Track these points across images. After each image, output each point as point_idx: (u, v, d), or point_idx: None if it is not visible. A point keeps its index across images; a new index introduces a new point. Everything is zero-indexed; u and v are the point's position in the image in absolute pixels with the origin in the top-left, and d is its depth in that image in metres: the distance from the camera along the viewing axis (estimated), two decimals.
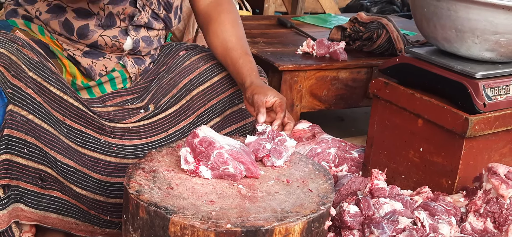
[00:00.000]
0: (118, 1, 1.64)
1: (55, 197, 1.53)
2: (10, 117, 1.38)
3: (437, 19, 1.79)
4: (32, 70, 1.44)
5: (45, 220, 1.53)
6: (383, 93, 1.94)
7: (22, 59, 1.43)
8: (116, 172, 1.59)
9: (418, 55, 1.91)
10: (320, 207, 1.21)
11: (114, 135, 1.60)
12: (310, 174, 1.36)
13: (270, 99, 1.57)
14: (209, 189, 1.24)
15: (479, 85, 1.73)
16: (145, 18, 1.70)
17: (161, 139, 1.68)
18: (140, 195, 1.17)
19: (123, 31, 1.69)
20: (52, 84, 1.48)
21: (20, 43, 1.46)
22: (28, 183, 1.47)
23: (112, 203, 1.59)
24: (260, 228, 1.10)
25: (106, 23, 1.65)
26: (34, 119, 1.43)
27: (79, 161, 1.53)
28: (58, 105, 1.50)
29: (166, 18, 1.78)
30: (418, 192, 1.67)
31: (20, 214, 1.48)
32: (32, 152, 1.44)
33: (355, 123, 3.00)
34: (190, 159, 1.28)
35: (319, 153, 2.09)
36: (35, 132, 1.43)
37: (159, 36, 1.81)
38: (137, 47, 1.73)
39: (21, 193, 1.46)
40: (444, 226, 1.50)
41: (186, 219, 1.10)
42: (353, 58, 2.49)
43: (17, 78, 1.40)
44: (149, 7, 1.71)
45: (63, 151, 1.50)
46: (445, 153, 1.78)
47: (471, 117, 1.69)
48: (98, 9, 1.63)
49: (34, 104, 1.43)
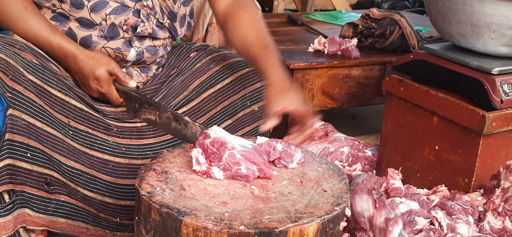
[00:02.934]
0: (120, 11, 1.61)
1: (62, 201, 1.51)
2: (11, 122, 1.37)
3: (452, 14, 1.76)
4: (31, 73, 1.43)
5: (53, 225, 1.52)
6: (397, 91, 1.91)
7: (20, 62, 1.41)
8: (126, 174, 1.57)
9: (432, 51, 1.88)
10: (335, 207, 1.18)
11: (122, 135, 1.59)
12: (324, 174, 1.34)
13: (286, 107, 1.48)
14: (221, 190, 1.22)
15: (496, 81, 1.70)
16: (149, 29, 1.67)
17: (171, 139, 1.66)
18: (152, 197, 1.15)
19: (126, 42, 1.66)
20: (53, 86, 1.47)
21: (18, 46, 1.44)
22: (33, 188, 1.46)
23: (122, 205, 1.58)
24: (274, 230, 1.08)
25: (109, 34, 1.63)
26: (36, 123, 1.41)
27: (87, 163, 1.51)
28: (61, 108, 1.48)
29: (171, 27, 1.74)
30: (435, 191, 1.65)
31: (27, 220, 1.47)
32: (35, 156, 1.43)
33: (367, 121, 2.97)
34: (202, 160, 1.27)
35: (332, 152, 2.07)
36: (38, 135, 1.42)
37: (166, 45, 1.79)
38: (141, 58, 1.70)
39: (27, 198, 1.45)
40: (462, 226, 1.47)
41: (198, 221, 1.08)
42: (366, 55, 2.46)
43: (15, 81, 1.38)
44: (154, 17, 1.68)
45: (68, 153, 1.48)
46: (461, 151, 1.75)
47: (488, 114, 1.66)
48: (100, 20, 1.60)
49: (35, 107, 1.41)
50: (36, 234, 1.54)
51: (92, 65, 1.56)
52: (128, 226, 1.61)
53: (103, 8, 1.59)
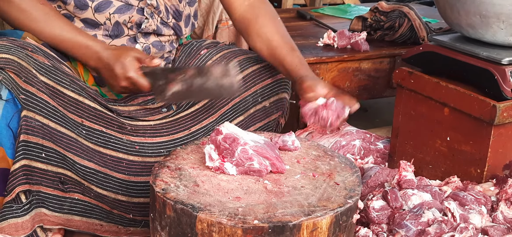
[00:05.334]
0: (124, 9, 1.62)
1: (76, 199, 1.53)
2: (26, 123, 1.39)
3: (461, 5, 1.75)
4: (44, 75, 1.45)
5: (69, 223, 1.54)
6: (407, 83, 1.91)
7: (33, 64, 1.43)
8: (139, 171, 1.59)
9: (442, 43, 1.88)
10: (348, 200, 1.19)
11: (136, 133, 1.60)
12: (336, 167, 1.35)
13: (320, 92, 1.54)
14: (235, 185, 1.23)
15: (506, 71, 1.69)
16: (154, 26, 1.68)
17: (184, 136, 1.68)
18: (166, 193, 1.17)
19: (131, 39, 1.67)
20: (66, 86, 1.48)
21: (30, 48, 1.46)
22: (49, 187, 1.48)
23: (135, 202, 1.59)
24: (287, 223, 1.10)
25: (113, 32, 1.64)
26: (49, 123, 1.43)
27: (100, 162, 1.53)
28: (74, 108, 1.50)
29: (175, 27, 1.75)
30: (447, 182, 1.65)
31: (44, 219, 1.49)
32: (50, 156, 1.44)
33: (379, 114, 2.96)
34: (214, 156, 1.28)
35: (344, 145, 2.07)
36: (52, 136, 1.44)
37: (172, 41, 1.79)
38: (148, 54, 1.71)
39: (43, 197, 1.47)
40: (475, 216, 1.47)
41: (213, 216, 1.10)
42: (375, 48, 2.46)
43: (28, 83, 1.40)
44: (158, 15, 1.68)
45: (81, 153, 1.50)
46: (473, 142, 1.75)
47: (499, 104, 1.66)
48: (104, 19, 1.61)
49: (49, 108, 1.43)
50: (53, 233, 1.56)
51: (117, 54, 1.55)
52: (141, 222, 1.62)
53: (107, 8, 1.60)
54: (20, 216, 1.43)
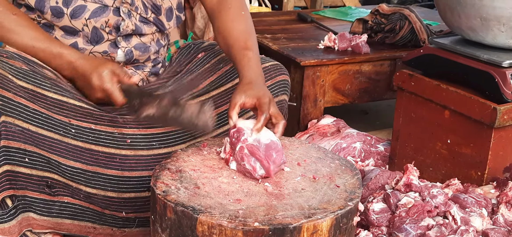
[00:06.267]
0: (99, 12, 1.60)
1: (66, 202, 1.52)
2: (5, 128, 1.38)
3: (461, 8, 1.76)
4: (22, 79, 1.43)
5: (59, 227, 1.53)
6: (407, 85, 1.92)
7: (8, 70, 1.42)
8: (133, 166, 1.55)
9: (442, 46, 1.88)
10: (348, 203, 1.19)
11: (129, 125, 1.57)
12: (336, 169, 1.35)
13: (245, 100, 1.41)
14: (235, 187, 1.24)
15: (507, 73, 1.69)
16: (132, 26, 1.64)
17: (178, 129, 1.65)
18: (167, 195, 1.17)
19: (112, 44, 1.65)
20: (48, 89, 1.47)
21: (6, 55, 1.45)
22: (35, 192, 1.47)
23: (125, 198, 1.56)
24: (288, 226, 1.10)
25: (93, 38, 1.62)
26: (30, 127, 1.42)
27: (89, 161, 1.50)
28: (59, 108, 1.48)
29: (156, 21, 1.71)
30: (447, 184, 1.65)
31: (33, 223, 1.48)
32: (34, 160, 1.43)
33: (379, 116, 2.97)
34: (227, 148, 1.33)
35: (344, 148, 2.08)
36: (34, 139, 1.43)
37: (157, 39, 1.75)
38: (131, 57, 1.68)
39: (29, 202, 1.46)
40: (475, 219, 1.47)
41: (213, 218, 1.10)
42: (376, 51, 2.46)
43: (4, 88, 1.39)
44: (136, 12, 1.65)
45: (66, 154, 1.48)
46: (473, 144, 1.75)
47: (499, 106, 1.66)
48: (82, 25, 1.59)
49: (28, 112, 1.42)
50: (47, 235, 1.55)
51: (94, 65, 1.53)
52: (135, 220, 1.60)
53: (82, 13, 1.58)
54: (6, 222, 1.42)
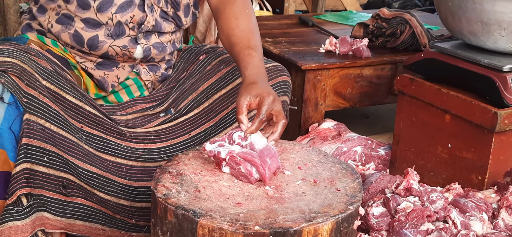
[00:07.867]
0: (126, 7, 1.63)
1: (79, 204, 1.53)
2: (27, 126, 1.39)
3: (462, 12, 1.76)
4: (46, 79, 1.45)
5: (71, 228, 1.54)
6: (408, 89, 1.92)
7: (35, 68, 1.43)
8: (139, 176, 1.59)
9: (443, 50, 1.88)
10: (349, 206, 1.19)
11: (135, 140, 1.61)
12: (337, 173, 1.35)
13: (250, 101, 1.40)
14: (236, 191, 1.24)
15: (507, 78, 1.69)
16: (152, 21, 1.68)
17: (184, 141, 1.68)
18: (167, 199, 1.17)
19: (132, 40, 1.68)
20: (67, 92, 1.49)
21: (33, 53, 1.47)
22: (51, 191, 1.48)
23: (137, 207, 1.60)
24: (288, 229, 1.10)
25: (115, 32, 1.64)
26: (51, 127, 1.44)
27: (101, 166, 1.53)
28: (75, 113, 1.50)
29: (175, 17, 1.75)
30: (448, 188, 1.65)
31: (46, 223, 1.49)
32: (52, 160, 1.45)
33: (380, 120, 2.97)
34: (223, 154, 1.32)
35: (345, 151, 2.08)
36: (54, 139, 1.44)
37: (173, 40, 1.79)
38: (149, 55, 1.72)
39: (45, 201, 1.47)
40: (476, 223, 1.47)
41: (214, 222, 1.10)
42: (377, 55, 2.46)
43: (31, 87, 1.41)
44: (158, 6, 1.69)
45: (83, 157, 1.50)
46: (474, 149, 1.75)
47: (500, 111, 1.66)
48: (107, 19, 1.62)
49: (50, 112, 1.43)
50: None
51: None
52: (144, 227, 1.63)
53: (109, 7, 1.61)
54: (20, 219, 1.43)
